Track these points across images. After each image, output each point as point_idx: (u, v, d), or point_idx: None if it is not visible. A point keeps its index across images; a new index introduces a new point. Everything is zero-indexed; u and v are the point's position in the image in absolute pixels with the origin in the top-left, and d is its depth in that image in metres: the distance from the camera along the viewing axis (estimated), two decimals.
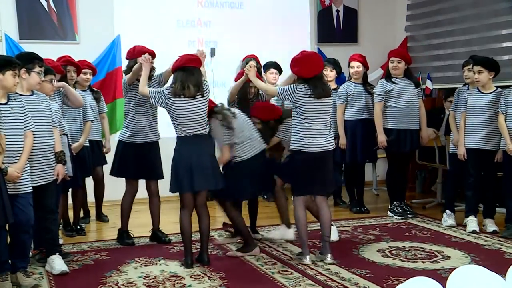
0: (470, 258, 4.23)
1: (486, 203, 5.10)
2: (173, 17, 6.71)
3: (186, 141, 4.02)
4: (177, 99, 3.97)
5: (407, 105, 5.40)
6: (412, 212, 5.63)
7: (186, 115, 3.98)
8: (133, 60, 4.51)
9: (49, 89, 4.13)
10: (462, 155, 5.01)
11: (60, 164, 3.96)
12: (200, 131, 4.04)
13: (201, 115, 4.03)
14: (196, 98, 3.99)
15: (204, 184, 4.04)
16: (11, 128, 3.54)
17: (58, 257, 4.02)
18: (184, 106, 3.97)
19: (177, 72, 4.03)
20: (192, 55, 4.14)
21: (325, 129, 4.05)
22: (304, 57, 4.07)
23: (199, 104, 4.01)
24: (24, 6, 6.11)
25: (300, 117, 4.02)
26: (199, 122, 4.03)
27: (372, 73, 6.85)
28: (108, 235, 5.09)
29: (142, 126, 4.56)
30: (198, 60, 4.10)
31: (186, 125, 4.00)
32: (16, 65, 3.57)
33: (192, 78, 3.98)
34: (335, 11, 7.47)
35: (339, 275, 3.87)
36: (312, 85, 3.98)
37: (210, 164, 4.06)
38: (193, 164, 3.97)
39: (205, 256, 4.14)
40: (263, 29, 6.98)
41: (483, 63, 4.84)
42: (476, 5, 6.49)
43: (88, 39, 6.30)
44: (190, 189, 4.02)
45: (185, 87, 3.95)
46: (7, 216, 3.43)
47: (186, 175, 3.97)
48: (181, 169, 3.99)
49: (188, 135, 4.02)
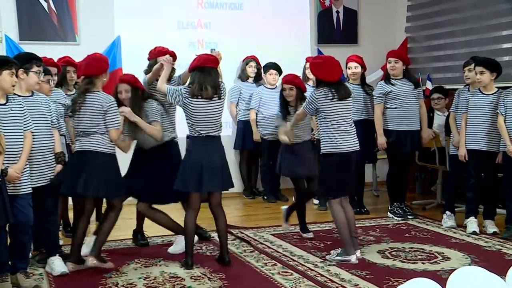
0: (470, 259, 4.23)
1: (487, 204, 5.09)
2: (173, 18, 6.71)
3: (198, 141, 4.03)
4: (194, 99, 3.98)
5: (406, 106, 5.40)
6: (412, 213, 5.63)
7: (202, 115, 4.00)
8: (154, 60, 4.54)
9: (47, 89, 4.12)
10: (463, 156, 5.01)
11: (60, 164, 3.95)
12: (213, 133, 4.06)
13: (216, 116, 4.05)
14: (213, 99, 4.01)
15: (212, 186, 4.05)
16: (10, 129, 3.54)
17: (58, 258, 4.01)
18: (201, 106, 3.99)
19: (195, 72, 4.03)
20: (210, 55, 4.16)
21: (351, 129, 4.17)
22: (326, 61, 4.19)
23: (215, 105, 4.03)
24: (24, 7, 6.11)
25: (325, 120, 4.11)
26: (214, 123, 4.04)
27: (372, 74, 6.85)
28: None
29: (163, 125, 4.58)
30: (215, 60, 4.11)
31: (200, 125, 4.01)
32: (13, 65, 3.56)
33: (210, 78, 3.99)
34: (335, 12, 7.47)
35: (339, 276, 3.87)
36: (334, 88, 4.08)
37: (220, 165, 4.07)
38: (203, 164, 3.98)
39: (226, 257, 4.15)
40: (263, 30, 6.98)
41: (485, 64, 4.84)
42: (477, 7, 6.49)
43: (88, 40, 6.30)
44: (197, 189, 4.02)
45: (203, 88, 3.96)
46: (7, 217, 3.42)
47: (194, 175, 3.98)
48: (190, 168, 4.01)
49: (201, 135, 4.03)
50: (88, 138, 3.94)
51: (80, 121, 3.97)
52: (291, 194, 6.64)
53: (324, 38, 7.39)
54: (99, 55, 4.18)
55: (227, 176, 4.14)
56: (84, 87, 3.99)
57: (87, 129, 3.94)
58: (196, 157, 4.00)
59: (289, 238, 4.86)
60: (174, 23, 6.73)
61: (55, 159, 3.94)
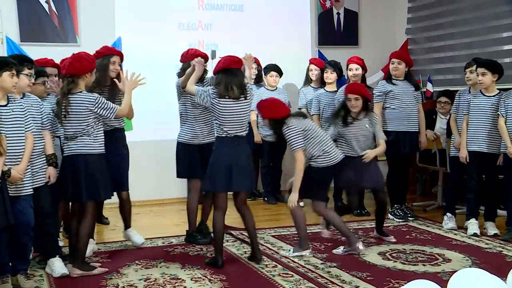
0: (471, 261, 4.23)
1: (487, 206, 5.09)
2: (174, 20, 6.71)
3: (225, 141, 4.08)
4: (222, 99, 4.03)
5: (405, 107, 5.40)
6: (413, 214, 5.63)
7: (229, 115, 4.04)
8: (187, 63, 4.57)
9: (42, 91, 4.10)
10: (464, 158, 5.00)
11: (51, 166, 3.92)
12: (241, 132, 4.11)
13: (243, 116, 4.10)
14: (239, 99, 4.06)
15: (242, 185, 4.11)
16: (12, 130, 3.54)
17: (58, 259, 4.01)
18: (228, 107, 4.03)
19: (220, 74, 4.08)
20: (235, 56, 4.19)
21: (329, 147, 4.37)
22: (272, 103, 4.41)
23: (242, 105, 4.08)
24: (25, 8, 6.12)
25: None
26: (241, 123, 4.10)
27: (372, 76, 6.85)
28: (108, 237, 5.09)
29: (202, 127, 4.64)
30: (240, 61, 4.15)
31: (228, 125, 4.06)
32: (13, 66, 3.56)
33: (236, 79, 4.04)
34: (335, 13, 7.47)
35: (339, 278, 3.86)
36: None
37: (247, 165, 4.13)
38: (232, 164, 4.03)
39: (258, 255, 4.19)
40: (264, 31, 6.98)
41: (487, 65, 4.83)
42: (477, 8, 6.49)
43: (89, 41, 6.28)
44: (226, 189, 4.08)
45: (229, 88, 4.01)
46: (8, 218, 3.42)
47: (224, 175, 4.03)
48: (218, 169, 4.05)
49: (229, 135, 4.07)
50: (76, 141, 3.87)
51: (68, 124, 3.87)
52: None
53: (325, 40, 7.39)
54: (83, 54, 4.02)
55: (253, 176, 4.23)
56: (66, 87, 3.88)
57: (75, 132, 3.86)
58: (225, 158, 4.05)
59: (290, 240, 4.86)
60: (175, 24, 6.73)
61: (46, 161, 3.90)
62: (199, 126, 4.64)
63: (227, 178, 4.02)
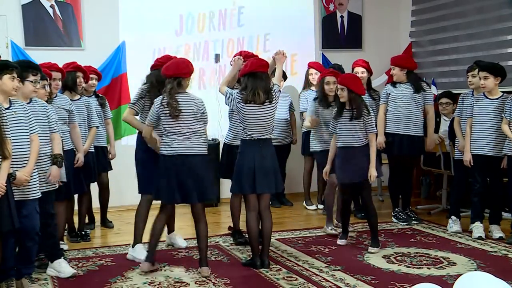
0: (476, 264, 4.22)
1: (492, 209, 5.07)
2: (177, 23, 6.72)
3: (250, 144, 4.11)
4: (247, 105, 4.05)
5: (401, 110, 5.39)
6: (417, 218, 5.61)
7: (254, 120, 4.07)
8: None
9: (42, 95, 4.11)
10: (468, 161, 4.99)
11: (54, 166, 3.89)
12: (265, 136, 4.13)
13: (268, 120, 4.11)
14: (264, 104, 4.07)
15: (265, 187, 4.13)
16: (16, 133, 3.54)
17: (63, 260, 4.02)
18: (253, 112, 4.06)
19: (247, 78, 4.08)
20: (261, 60, 4.20)
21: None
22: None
23: (267, 109, 4.09)
24: (30, 13, 6.14)
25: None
26: (265, 127, 4.11)
27: (376, 79, 6.85)
28: (113, 241, 5.10)
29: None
30: (266, 65, 4.17)
31: (252, 129, 4.09)
32: (14, 69, 3.57)
33: (262, 84, 4.05)
34: (339, 17, 7.47)
35: (344, 281, 3.86)
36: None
37: (272, 167, 4.14)
38: (256, 166, 4.06)
39: (266, 260, 4.19)
40: (268, 35, 6.99)
41: (489, 69, 4.82)
42: (481, 11, 6.48)
43: (94, 46, 6.32)
44: (252, 190, 4.10)
45: (255, 93, 4.02)
46: (13, 222, 3.43)
47: (248, 177, 4.07)
48: (243, 171, 4.09)
49: (253, 139, 4.10)
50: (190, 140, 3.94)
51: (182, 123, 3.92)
52: (296, 199, 6.65)
53: (329, 43, 7.39)
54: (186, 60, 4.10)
55: (279, 178, 4.24)
56: (173, 89, 3.91)
57: (187, 130, 3.92)
58: (249, 160, 4.08)
59: (294, 243, 4.85)
60: (179, 28, 6.73)
61: (51, 161, 3.89)
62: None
63: (251, 180, 4.06)
